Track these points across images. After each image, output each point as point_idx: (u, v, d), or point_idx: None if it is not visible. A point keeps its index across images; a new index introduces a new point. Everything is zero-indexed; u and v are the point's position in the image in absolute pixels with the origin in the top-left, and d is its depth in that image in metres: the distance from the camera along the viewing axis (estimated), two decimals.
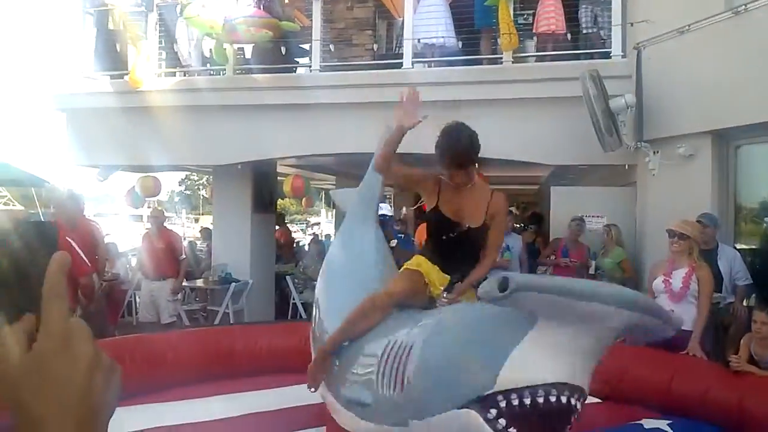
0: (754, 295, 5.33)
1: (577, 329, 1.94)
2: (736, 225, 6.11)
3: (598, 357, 2.08)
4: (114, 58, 8.72)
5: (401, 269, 3.23)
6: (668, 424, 3.82)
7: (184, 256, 7.47)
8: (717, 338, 5.23)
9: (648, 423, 3.87)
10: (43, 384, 0.55)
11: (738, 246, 5.89)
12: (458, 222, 3.11)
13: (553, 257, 7.06)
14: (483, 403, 2.03)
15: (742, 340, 4.34)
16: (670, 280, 4.74)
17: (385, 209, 5.95)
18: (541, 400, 1.97)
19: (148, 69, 8.16)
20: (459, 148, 3.05)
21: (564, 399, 1.98)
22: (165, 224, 7.94)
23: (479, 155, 3.16)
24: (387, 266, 3.76)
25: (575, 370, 2.01)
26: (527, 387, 1.98)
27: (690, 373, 4.24)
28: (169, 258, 7.25)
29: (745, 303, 5.25)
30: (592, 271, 6.73)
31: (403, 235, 8.66)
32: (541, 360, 1.98)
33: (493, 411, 2.01)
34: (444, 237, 3.14)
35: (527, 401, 1.97)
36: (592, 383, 4.61)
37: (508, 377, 1.99)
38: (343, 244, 4.21)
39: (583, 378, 2.06)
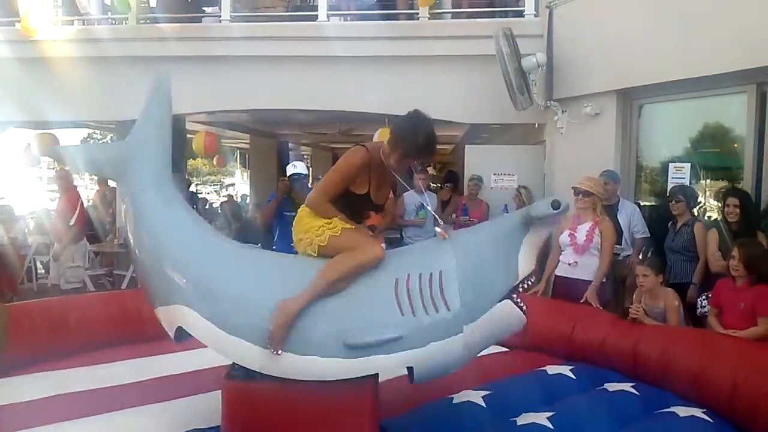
0: (651, 249, 5.65)
1: (542, 232, 2.89)
2: (637, 182, 6.41)
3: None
4: (3, 4, 8.02)
5: (341, 234, 2.95)
6: (570, 370, 4.00)
7: (72, 223, 6.79)
8: (615, 289, 5.52)
9: (552, 369, 4.04)
10: None
11: (639, 203, 6.19)
12: (378, 203, 3.15)
13: (454, 215, 7.23)
14: (510, 293, 2.83)
15: (635, 294, 4.59)
16: (576, 234, 4.96)
17: (300, 167, 5.81)
18: (530, 282, 2.92)
19: (43, 16, 7.55)
20: (433, 141, 2.92)
21: (534, 278, 2.97)
22: (73, 184, 7.33)
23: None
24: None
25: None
26: (528, 275, 2.87)
27: (590, 322, 4.45)
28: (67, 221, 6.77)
29: (640, 256, 5.54)
30: None
31: None
32: (531, 255, 2.89)
33: (515, 296, 2.84)
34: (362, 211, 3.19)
35: (528, 284, 2.90)
36: None
37: (521, 270, 2.85)
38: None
39: None
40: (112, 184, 12.52)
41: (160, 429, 3.31)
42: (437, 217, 3.39)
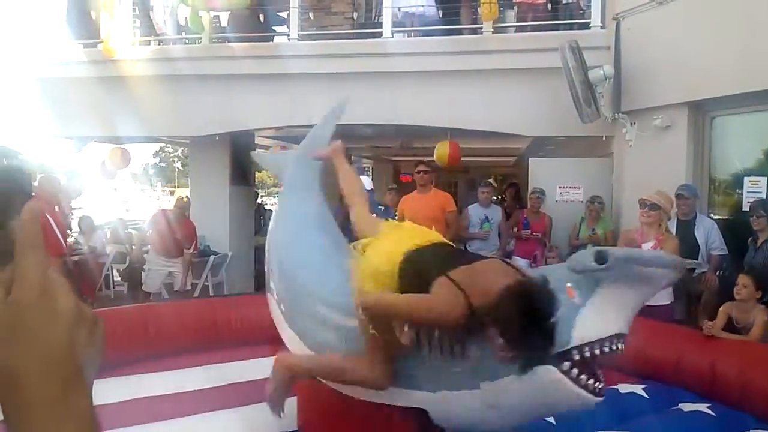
0: (725, 265, 5.44)
1: (634, 289, 2.29)
2: (709, 196, 6.21)
3: (639, 309, 2.40)
4: (87, 26, 8.50)
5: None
6: (643, 389, 3.91)
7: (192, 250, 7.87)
8: (689, 307, 5.35)
9: (624, 387, 3.95)
10: (20, 338, 0.50)
11: (711, 217, 5.99)
12: None
13: (515, 229, 7.12)
14: (559, 358, 2.20)
15: (721, 308, 4.41)
16: None
17: (366, 183, 5.85)
18: (606, 349, 2.23)
19: (123, 37, 7.96)
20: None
21: (620, 345, 2.27)
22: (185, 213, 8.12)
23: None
24: (334, 247, 3.51)
25: (628, 321, 2.32)
26: (597, 340, 2.21)
27: (664, 339, 4.33)
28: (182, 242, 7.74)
29: (718, 273, 5.33)
30: (584, 237, 6.49)
31: (383, 207, 8.63)
32: (607, 316, 2.26)
33: (567, 363, 2.20)
34: None
35: (597, 352, 2.22)
36: None
37: (581, 334, 2.20)
38: (281, 223, 3.95)
39: (629, 326, 2.35)
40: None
41: None
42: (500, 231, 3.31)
